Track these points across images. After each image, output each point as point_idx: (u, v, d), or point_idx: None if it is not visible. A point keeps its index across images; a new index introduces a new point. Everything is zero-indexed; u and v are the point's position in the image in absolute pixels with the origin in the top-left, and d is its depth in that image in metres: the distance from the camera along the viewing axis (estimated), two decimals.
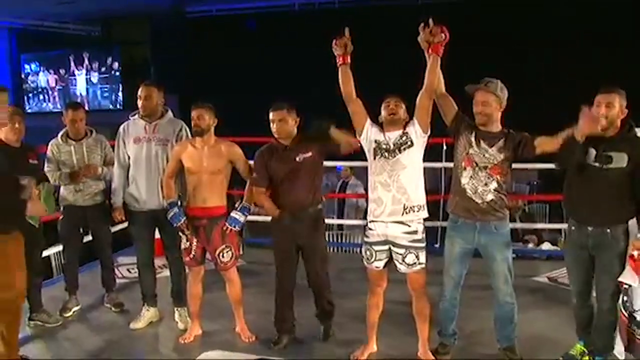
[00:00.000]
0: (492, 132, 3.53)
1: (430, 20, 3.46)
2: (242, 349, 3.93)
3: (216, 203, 3.92)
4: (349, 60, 3.63)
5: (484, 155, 3.50)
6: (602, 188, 3.29)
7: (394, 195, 3.47)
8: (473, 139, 3.54)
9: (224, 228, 3.90)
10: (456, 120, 3.63)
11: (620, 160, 3.24)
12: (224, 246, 3.92)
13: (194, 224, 3.93)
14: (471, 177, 3.52)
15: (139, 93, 4.23)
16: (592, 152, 3.31)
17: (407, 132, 3.54)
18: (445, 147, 5.70)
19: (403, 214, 3.48)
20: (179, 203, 4.00)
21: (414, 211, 3.49)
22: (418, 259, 3.53)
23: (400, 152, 3.50)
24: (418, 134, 3.53)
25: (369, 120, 3.62)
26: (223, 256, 3.93)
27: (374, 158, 3.55)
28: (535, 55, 8.89)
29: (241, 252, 4.02)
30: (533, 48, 8.96)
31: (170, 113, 4.35)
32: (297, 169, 3.78)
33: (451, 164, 4.46)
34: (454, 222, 3.66)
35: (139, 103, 4.23)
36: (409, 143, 3.51)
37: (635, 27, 8.23)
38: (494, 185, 3.50)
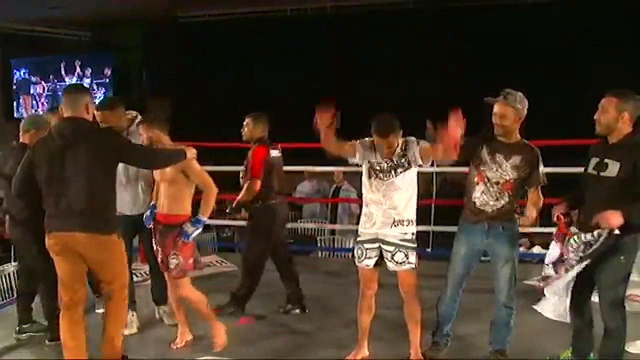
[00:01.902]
0: (509, 143, 3.56)
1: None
2: (237, 354, 3.91)
3: (173, 211, 3.84)
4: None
5: (497, 170, 3.55)
6: (596, 196, 3.22)
7: (385, 210, 3.52)
8: (486, 155, 3.57)
9: (176, 238, 3.84)
10: (464, 152, 3.48)
11: (613, 169, 3.15)
12: (172, 252, 3.85)
13: (154, 228, 3.95)
14: (483, 192, 3.59)
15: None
16: (594, 160, 3.29)
17: (405, 154, 3.49)
18: None
19: (392, 226, 3.53)
20: (155, 207, 4.01)
21: (402, 225, 3.53)
22: (407, 258, 3.54)
23: (395, 175, 3.49)
24: (417, 161, 3.49)
25: (356, 145, 3.56)
26: (170, 262, 3.88)
27: (369, 177, 3.56)
28: (536, 60, 8.91)
29: (194, 266, 3.92)
30: (531, 53, 8.99)
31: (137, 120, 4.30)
32: None
33: (443, 169, 4.48)
34: (465, 221, 3.72)
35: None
36: (406, 165, 3.50)
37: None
38: (504, 200, 3.56)
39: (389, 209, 3.50)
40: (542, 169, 3.59)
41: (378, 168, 3.51)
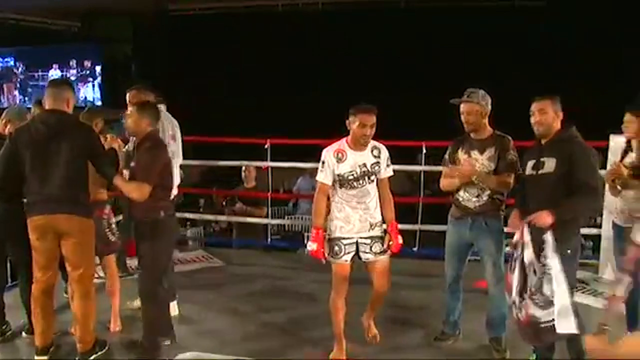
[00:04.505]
0: (481, 139, 3.73)
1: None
2: (218, 350, 3.89)
3: None
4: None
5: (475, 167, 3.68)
6: (538, 195, 3.28)
7: (361, 215, 3.57)
8: (463, 155, 3.74)
9: None
10: (450, 161, 3.82)
11: (549, 165, 3.26)
12: None
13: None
14: (465, 190, 3.74)
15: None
16: (530, 162, 3.40)
17: (378, 162, 3.56)
18: (424, 151, 5.72)
19: (369, 230, 3.58)
20: None
21: (378, 226, 3.61)
22: (383, 246, 3.59)
23: (369, 182, 3.56)
24: (380, 174, 3.60)
25: (324, 184, 3.58)
26: None
27: (340, 187, 3.57)
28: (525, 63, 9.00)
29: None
30: (518, 55, 9.06)
31: None
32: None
33: (430, 167, 4.46)
34: (451, 217, 3.90)
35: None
36: (376, 174, 3.57)
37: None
38: (486, 195, 3.69)
39: (365, 214, 3.57)
40: (513, 156, 3.66)
41: (351, 177, 3.53)
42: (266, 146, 6.11)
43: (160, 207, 3.58)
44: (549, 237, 3.05)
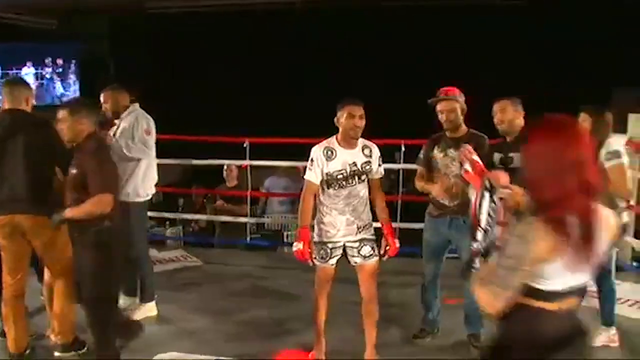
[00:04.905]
0: (457, 137, 3.75)
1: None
2: (197, 351, 3.88)
3: None
4: None
5: (451, 164, 3.71)
6: None
7: (348, 218, 3.53)
8: (439, 154, 3.77)
9: None
10: (425, 160, 3.88)
11: (518, 159, 3.39)
12: None
13: None
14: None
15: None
16: (496, 155, 3.59)
17: (369, 162, 3.53)
18: (403, 149, 5.75)
19: (356, 233, 3.55)
20: None
21: (366, 229, 3.58)
22: (374, 251, 3.58)
23: (359, 182, 3.52)
24: (371, 175, 3.57)
25: (312, 182, 3.52)
26: None
27: (328, 187, 3.53)
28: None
29: None
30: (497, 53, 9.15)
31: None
32: None
33: (409, 166, 4.48)
34: (429, 215, 3.93)
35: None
36: (367, 174, 3.54)
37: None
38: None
39: (352, 217, 3.52)
40: (489, 154, 3.69)
41: (340, 176, 3.49)
42: (245, 145, 6.10)
43: (105, 215, 3.15)
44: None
